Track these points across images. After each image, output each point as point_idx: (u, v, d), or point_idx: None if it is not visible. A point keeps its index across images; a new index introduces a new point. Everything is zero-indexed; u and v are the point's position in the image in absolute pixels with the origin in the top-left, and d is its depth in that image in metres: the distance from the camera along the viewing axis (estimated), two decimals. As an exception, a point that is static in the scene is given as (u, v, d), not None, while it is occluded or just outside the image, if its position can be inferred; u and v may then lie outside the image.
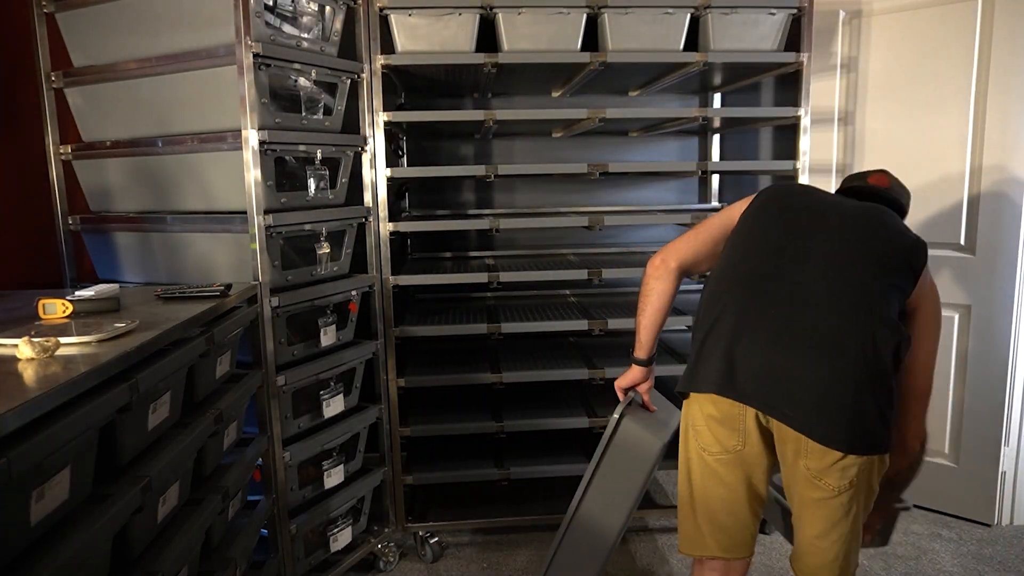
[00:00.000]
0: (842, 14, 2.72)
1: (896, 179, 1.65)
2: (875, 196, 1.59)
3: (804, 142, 2.40)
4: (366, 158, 2.29)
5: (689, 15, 2.27)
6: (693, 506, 1.52)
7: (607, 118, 2.36)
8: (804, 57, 2.34)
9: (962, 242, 2.55)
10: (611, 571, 2.35)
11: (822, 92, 2.81)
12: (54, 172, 2.23)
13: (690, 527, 1.53)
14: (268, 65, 1.88)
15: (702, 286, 1.60)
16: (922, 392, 1.52)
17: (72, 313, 1.46)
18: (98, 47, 2.12)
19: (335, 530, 2.20)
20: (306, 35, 2.01)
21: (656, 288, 1.63)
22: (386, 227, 2.34)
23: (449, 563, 2.43)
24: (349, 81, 2.18)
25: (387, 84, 2.34)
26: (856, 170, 2.79)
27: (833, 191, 1.67)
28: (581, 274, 2.49)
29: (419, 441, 2.83)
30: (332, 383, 2.16)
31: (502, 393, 2.85)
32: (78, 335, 1.27)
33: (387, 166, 2.31)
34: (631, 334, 3.19)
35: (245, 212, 1.89)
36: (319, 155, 2.08)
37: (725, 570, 1.53)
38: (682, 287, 1.61)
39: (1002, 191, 2.44)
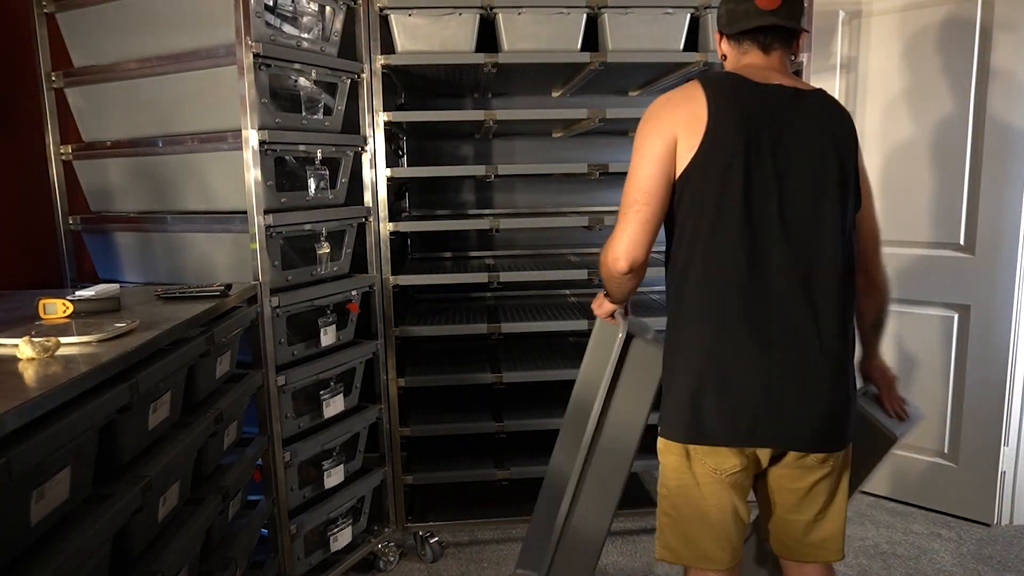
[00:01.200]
0: (841, 14, 2.72)
1: None
2: (777, 29, 1.42)
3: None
4: (366, 158, 2.29)
5: (689, 15, 2.27)
6: (707, 524, 1.42)
7: (607, 118, 2.36)
8: (804, 57, 2.34)
9: (961, 242, 2.55)
10: (608, 571, 2.35)
11: (822, 92, 2.80)
12: (54, 172, 2.23)
13: (703, 545, 1.43)
14: (268, 65, 1.88)
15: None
16: (879, 234, 1.51)
17: (72, 313, 1.46)
18: (98, 47, 2.12)
19: (335, 530, 2.20)
20: (306, 35, 2.01)
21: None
22: (386, 227, 2.34)
23: (449, 563, 2.43)
24: (349, 81, 2.18)
25: (387, 84, 2.34)
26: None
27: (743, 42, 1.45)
28: (581, 274, 2.49)
29: (419, 441, 2.83)
30: (332, 383, 2.16)
31: (502, 393, 2.85)
32: (78, 335, 1.27)
33: (387, 166, 2.31)
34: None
35: (245, 212, 1.89)
36: (319, 155, 2.08)
37: None
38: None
39: (1001, 191, 2.44)
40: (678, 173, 1.36)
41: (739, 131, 1.31)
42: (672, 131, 1.35)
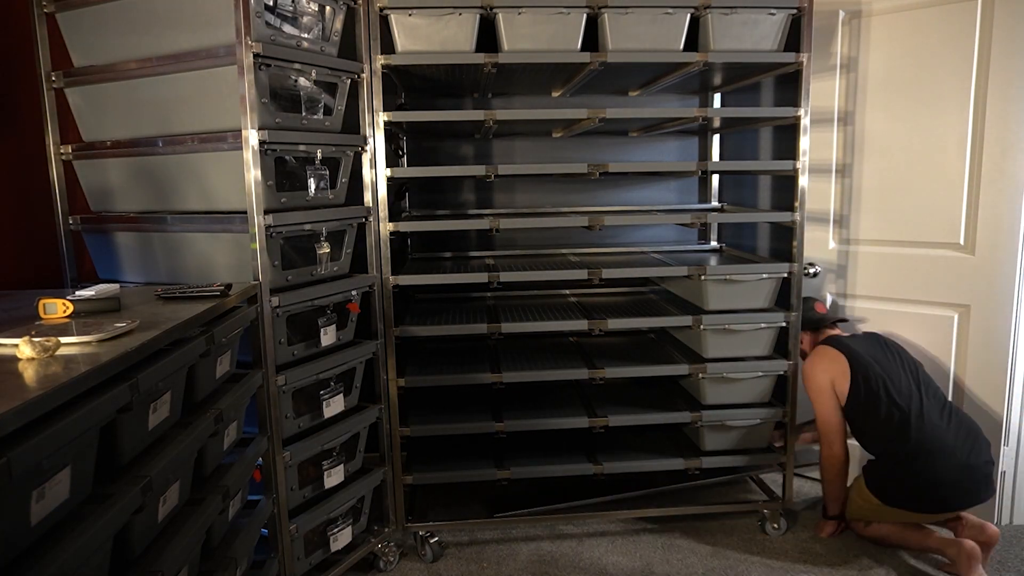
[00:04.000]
0: (842, 14, 2.72)
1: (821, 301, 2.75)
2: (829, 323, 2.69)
3: (804, 142, 2.40)
4: (366, 158, 2.29)
5: (689, 15, 2.27)
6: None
7: (607, 118, 2.36)
8: (804, 57, 2.34)
9: (961, 242, 2.55)
10: (608, 571, 2.35)
11: (822, 92, 2.81)
12: (54, 172, 2.23)
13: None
14: (268, 65, 1.88)
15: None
16: None
17: (72, 313, 1.47)
18: (98, 47, 2.12)
19: (335, 530, 2.20)
20: (306, 35, 2.01)
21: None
22: (386, 227, 2.34)
23: (449, 563, 2.43)
24: (349, 81, 2.18)
25: (387, 84, 2.34)
26: (856, 169, 2.81)
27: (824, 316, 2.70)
28: (581, 274, 2.49)
29: (419, 441, 2.83)
30: (332, 383, 2.16)
31: (502, 393, 2.86)
32: (79, 335, 1.27)
33: (387, 166, 2.31)
34: (631, 334, 3.22)
35: (245, 212, 1.89)
36: (319, 155, 2.08)
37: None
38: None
39: (1001, 191, 2.44)
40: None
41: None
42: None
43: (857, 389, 2.41)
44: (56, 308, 1.45)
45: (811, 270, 2.88)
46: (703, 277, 2.47)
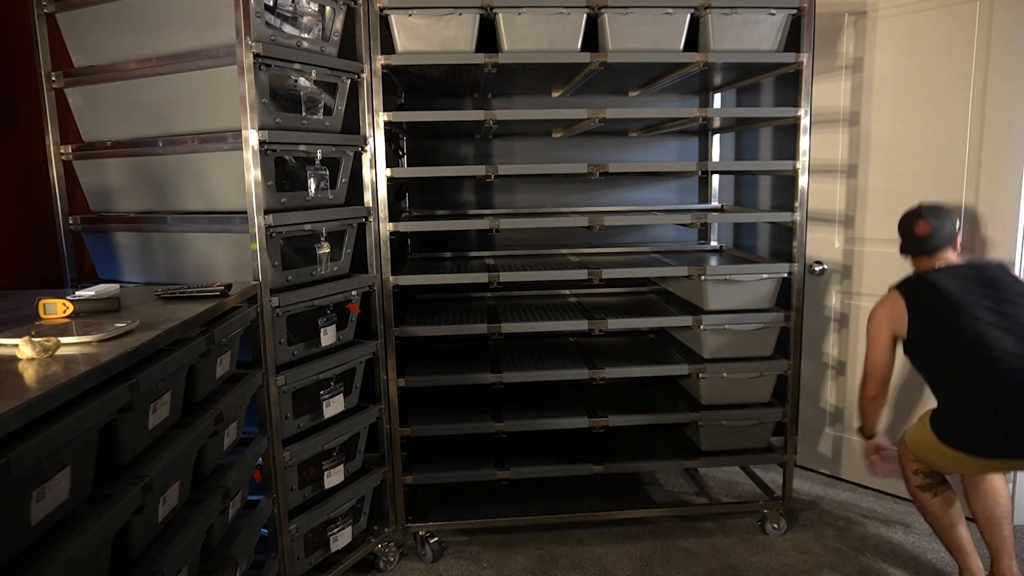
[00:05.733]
0: (847, 15, 2.72)
1: (933, 216, 2.17)
2: (934, 247, 2.21)
3: (804, 142, 2.40)
4: (366, 158, 2.29)
5: (689, 15, 2.27)
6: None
7: (607, 118, 2.36)
8: (804, 57, 2.34)
9: (960, 241, 2.55)
10: (610, 569, 2.35)
11: (828, 93, 2.81)
12: (54, 172, 2.23)
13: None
14: (268, 65, 1.88)
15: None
16: None
17: (72, 313, 1.47)
18: (98, 47, 2.12)
19: (335, 530, 2.20)
20: (306, 35, 2.01)
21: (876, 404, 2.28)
22: (386, 227, 2.34)
23: (449, 563, 2.43)
24: (349, 81, 2.18)
25: (387, 84, 2.34)
26: (860, 170, 2.81)
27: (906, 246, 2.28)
28: (581, 274, 2.49)
29: (419, 441, 2.83)
30: (332, 383, 2.16)
31: (502, 393, 2.86)
32: (79, 335, 1.27)
33: (387, 166, 2.31)
34: (631, 334, 3.22)
35: (245, 212, 1.90)
36: (319, 155, 2.08)
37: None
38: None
39: (1000, 191, 2.44)
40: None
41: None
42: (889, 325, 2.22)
43: (915, 333, 2.16)
44: (56, 308, 1.45)
45: (817, 268, 2.89)
46: (703, 277, 2.47)
